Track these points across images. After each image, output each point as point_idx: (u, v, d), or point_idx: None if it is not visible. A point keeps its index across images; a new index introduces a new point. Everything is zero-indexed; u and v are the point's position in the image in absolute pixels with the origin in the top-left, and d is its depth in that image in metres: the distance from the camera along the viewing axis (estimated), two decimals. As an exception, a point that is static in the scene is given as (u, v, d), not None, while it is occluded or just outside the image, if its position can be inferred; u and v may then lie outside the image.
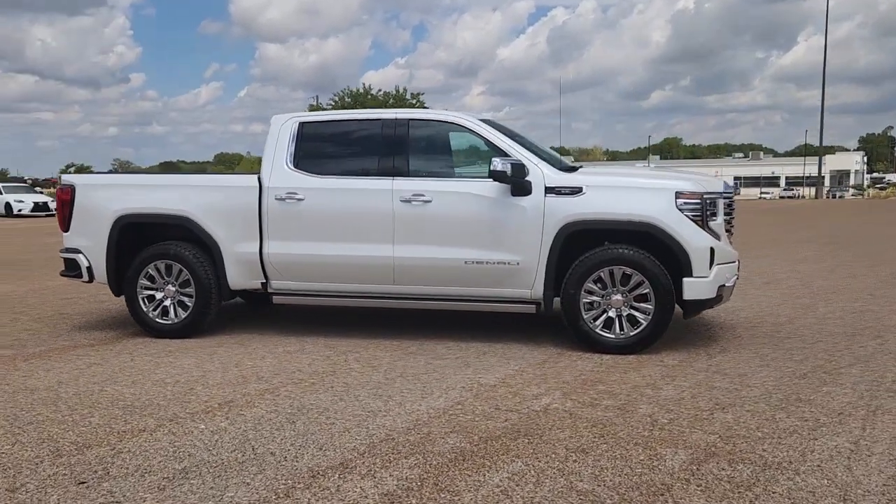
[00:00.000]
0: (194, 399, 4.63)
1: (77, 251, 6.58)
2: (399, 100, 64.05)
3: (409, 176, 5.98)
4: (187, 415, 4.32)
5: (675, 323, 6.19)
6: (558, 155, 7.32)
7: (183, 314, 6.39)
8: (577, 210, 5.63)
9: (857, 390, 4.67)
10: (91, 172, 17.04)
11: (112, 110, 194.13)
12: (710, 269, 5.52)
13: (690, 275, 5.51)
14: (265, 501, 3.14)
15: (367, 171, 6.12)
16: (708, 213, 5.56)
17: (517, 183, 5.70)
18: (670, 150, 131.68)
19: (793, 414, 4.22)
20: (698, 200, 5.52)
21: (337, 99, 62.98)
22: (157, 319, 6.43)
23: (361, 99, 62.29)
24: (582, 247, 5.68)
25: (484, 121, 6.09)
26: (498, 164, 5.54)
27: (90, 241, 6.50)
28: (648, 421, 4.12)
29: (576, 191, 5.67)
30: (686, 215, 5.50)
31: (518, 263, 5.76)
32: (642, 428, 4.00)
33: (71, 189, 6.58)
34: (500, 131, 6.00)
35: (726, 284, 5.67)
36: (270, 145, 6.29)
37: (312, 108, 60.99)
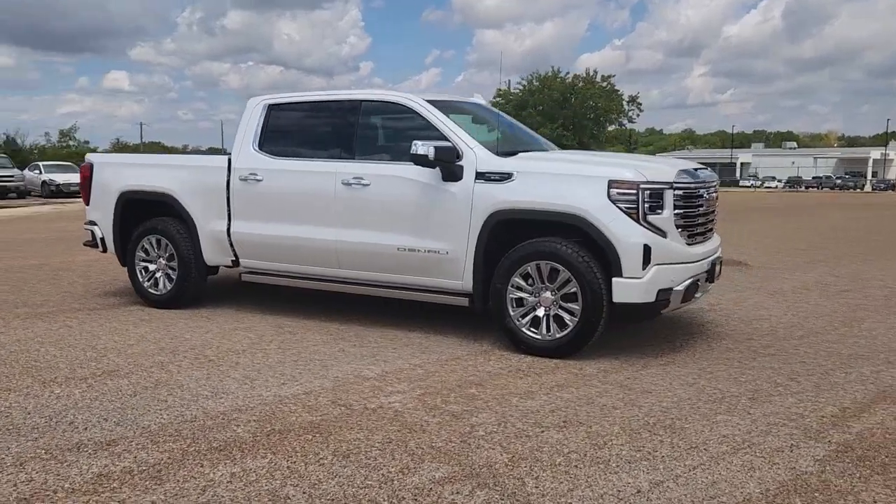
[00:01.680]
0: (93, 365, 4.91)
1: (94, 223, 7.20)
2: (588, 82, 62.73)
3: (353, 159, 5.86)
4: (64, 379, 4.60)
5: (667, 325, 5.57)
6: (545, 141, 6.81)
7: (169, 286, 6.79)
8: (505, 198, 5.21)
9: (750, 425, 3.90)
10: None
11: None
12: (645, 269, 4.86)
13: (620, 275, 4.89)
14: (-9, 467, 3.27)
15: (318, 153, 6.09)
16: (647, 205, 4.89)
17: (445, 167, 5.38)
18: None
19: (630, 443, 3.62)
20: (633, 191, 4.87)
21: (525, 83, 63.03)
22: (149, 290, 6.89)
23: (549, 82, 61.79)
24: (517, 238, 5.25)
25: (431, 101, 5.79)
26: (419, 147, 5.26)
27: (102, 214, 7.09)
28: (467, 430, 3.75)
29: (505, 177, 5.24)
30: (619, 207, 4.88)
31: (447, 253, 5.45)
32: (447, 436, 3.66)
33: (90, 167, 7.20)
34: (443, 112, 5.68)
35: (674, 288, 4.96)
36: (241, 126, 6.46)
37: (500, 93, 61.42)
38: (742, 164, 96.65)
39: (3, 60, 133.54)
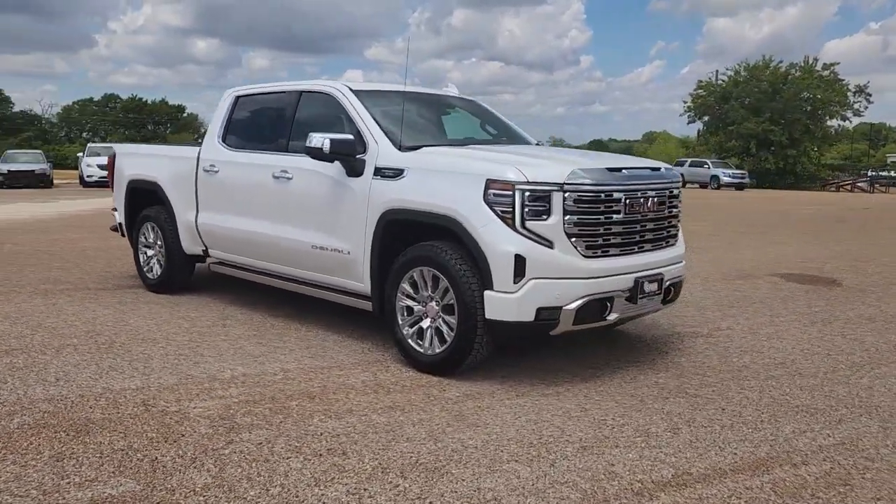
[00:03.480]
0: (46, 342, 5.15)
1: (115, 210, 7.69)
2: (807, 72, 56.70)
3: (286, 151, 5.68)
4: (7, 350, 4.91)
5: (641, 347, 4.91)
6: (528, 137, 6.17)
7: (159, 272, 7.07)
8: (394, 196, 4.77)
9: (536, 479, 3.20)
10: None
11: (561, 91, 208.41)
12: (518, 283, 4.19)
13: (492, 287, 4.27)
14: None
15: (263, 145, 5.98)
16: (526, 209, 4.21)
17: (345, 162, 5.04)
18: None
19: (359, 484, 3.12)
20: (509, 192, 4.22)
21: (732, 73, 58.45)
22: (147, 274, 7.22)
23: (758, 72, 56.75)
24: (413, 240, 4.78)
25: (358, 90, 5.44)
26: (314, 139, 4.96)
27: (119, 201, 7.54)
28: (220, 446, 3.45)
29: (398, 173, 4.79)
30: (495, 211, 4.26)
31: (349, 253, 5.10)
32: (194, 450, 3.39)
33: (113, 156, 7.69)
34: (366, 101, 5.31)
35: (563, 308, 4.24)
36: (214, 118, 6.53)
37: (701, 85, 57.47)
38: None
39: (260, 62, 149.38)
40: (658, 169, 4.93)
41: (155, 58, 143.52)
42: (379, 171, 4.88)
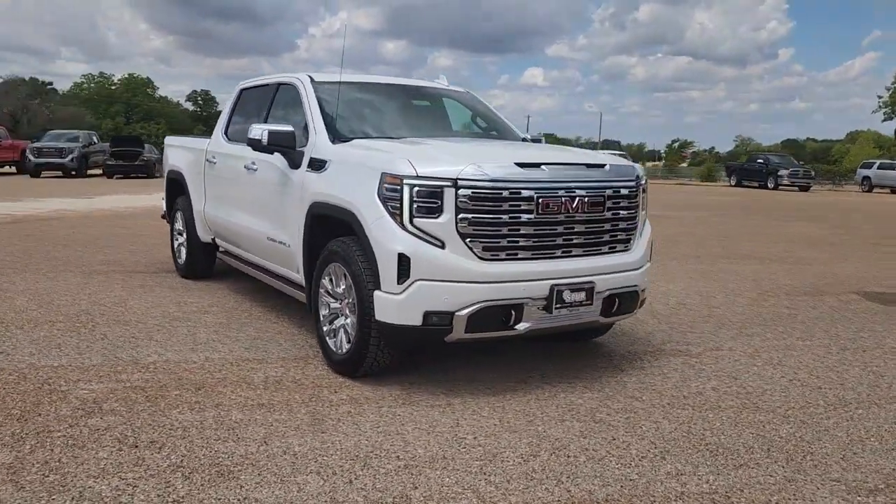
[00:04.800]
0: (35, 317, 5.60)
1: (163, 197, 8.18)
2: None
3: (259, 143, 5.71)
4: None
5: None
6: (515, 130, 5.81)
7: (185, 258, 7.42)
8: (316, 189, 4.65)
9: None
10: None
11: (755, 87, 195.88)
12: (402, 283, 3.93)
13: (379, 287, 4.03)
14: None
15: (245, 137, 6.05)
16: (415, 206, 3.93)
17: (285, 153, 4.99)
18: None
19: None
20: (398, 187, 3.95)
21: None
22: (177, 260, 7.62)
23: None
24: (337, 235, 4.63)
25: (319, 81, 5.37)
26: (254, 130, 4.94)
27: (164, 189, 8.01)
28: (34, 428, 3.54)
29: (322, 165, 4.67)
30: (387, 206, 4.02)
31: (289, 245, 5.05)
32: (25, 424, 3.50)
33: (164, 147, 8.18)
34: (323, 93, 5.22)
35: (455, 313, 3.91)
36: (223, 111, 6.73)
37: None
38: None
39: (444, 62, 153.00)
40: (602, 166, 4.42)
41: (348, 59, 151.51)
42: (311, 164, 4.78)
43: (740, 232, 13.91)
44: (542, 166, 4.15)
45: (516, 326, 4.07)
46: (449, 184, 3.90)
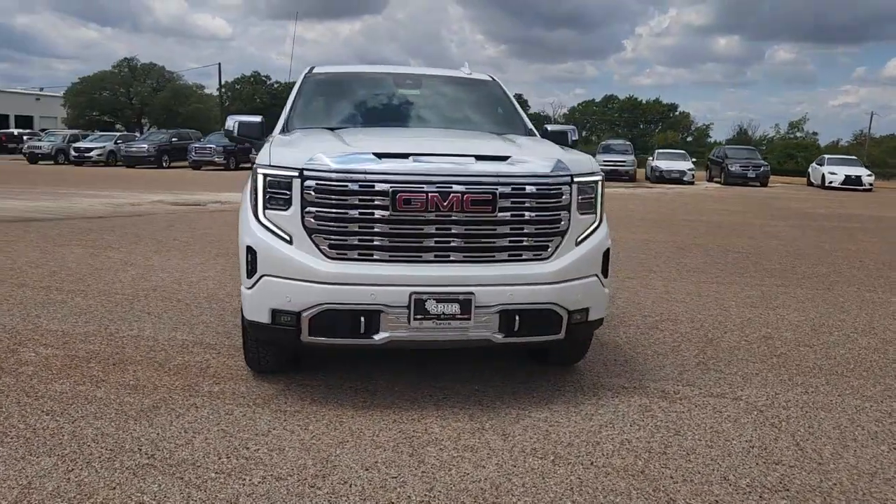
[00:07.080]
0: (43, 282, 6.54)
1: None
2: None
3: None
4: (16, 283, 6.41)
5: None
6: (528, 125, 5.23)
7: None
8: (251, 181, 4.62)
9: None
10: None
11: None
12: (251, 278, 3.75)
13: (242, 282, 3.91)
14: None
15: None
16: (267, 197, 3.72)
17: (254, 145, 5.02)
18: None
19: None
20: (257, 177, 3.78)
21: None
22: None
23: None
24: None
25: (317, 73, 5.42)
26: (228, 121, 5.05)
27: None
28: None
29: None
30: (249, 197, 3.90)
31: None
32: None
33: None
34: (310, 86, 5.27)
35: (301, 313, 3.61)
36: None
37: None
38: None
39: (784, 55, 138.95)
40: (503, 158, 3.74)
41: (674, 58, 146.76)
42: (260, 155, 4.78)
43: None
44: (411, 157, 3.65)
45: (374, 336, 3.64)
46: (296, 174, 3.63)
